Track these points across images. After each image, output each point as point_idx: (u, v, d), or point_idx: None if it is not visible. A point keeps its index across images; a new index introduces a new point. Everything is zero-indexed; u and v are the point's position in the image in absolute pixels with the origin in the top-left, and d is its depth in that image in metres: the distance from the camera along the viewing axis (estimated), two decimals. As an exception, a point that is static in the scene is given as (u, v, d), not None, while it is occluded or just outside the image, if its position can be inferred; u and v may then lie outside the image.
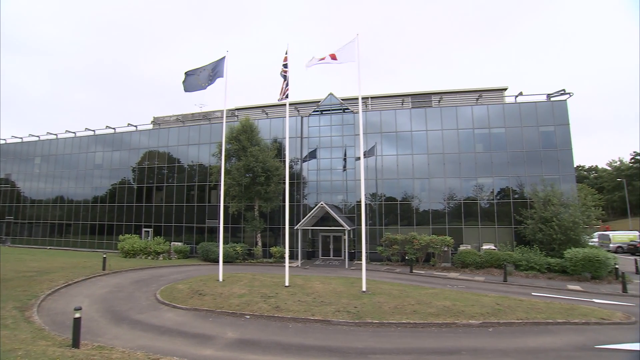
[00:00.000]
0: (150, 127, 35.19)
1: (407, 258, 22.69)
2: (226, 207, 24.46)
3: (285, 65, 15.74)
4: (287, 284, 14.85)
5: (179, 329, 9.94)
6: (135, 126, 34.09)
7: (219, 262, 16.96)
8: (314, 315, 10.91)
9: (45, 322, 9.95)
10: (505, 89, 28.49)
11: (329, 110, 28.83)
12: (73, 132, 36.77)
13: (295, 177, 27.85)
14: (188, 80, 16.52)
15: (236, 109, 33.25)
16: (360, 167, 15.97)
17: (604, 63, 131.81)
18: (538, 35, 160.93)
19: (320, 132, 28.51)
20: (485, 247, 23.18)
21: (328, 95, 28.96)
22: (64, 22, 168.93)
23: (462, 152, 25.61)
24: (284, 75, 15.74)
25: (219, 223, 17.85)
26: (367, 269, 14.57)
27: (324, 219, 25.76)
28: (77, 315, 7.71)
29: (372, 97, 30.35)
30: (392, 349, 8.51)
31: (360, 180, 15.29)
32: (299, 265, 23.61)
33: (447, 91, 29.05)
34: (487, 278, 19.17)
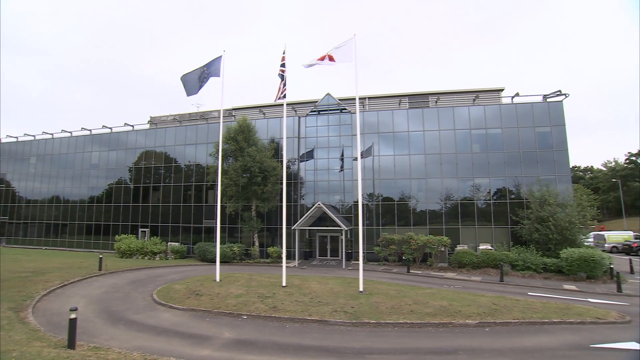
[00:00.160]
0: (147, 126, 35.06)
1: (404, 258, 22.74)
2: (223, 207, 24.39)
3: (283, 65, 15.74)
4: (284, 284, 14.85)
5: (176, 329, 9.90)
6: (132, 126, 33.94)
7: (216, 262, 16.95)
8: (311, 316, 10.91)
9: (41, 323, 9.88)
10: (502, 90, 28.61)
11: (326, 110, 28.84)
12: (69, 132, 36.58)
13: (293, 177, 27.83)
14: (188, 85, 16.34)
15: (233, 109, 33.20)
16: (357, 167, 15.96)
17: (602, 63, 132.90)
18: (537, 36, 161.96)
19: (317, 132, 28.51)
20: (482, 247, 23.28)
21: (325, 95, 28.97)
22: (62, 21, 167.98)
23: (459, 152, 25.71)
24: (281, 75, 15.74)
25: (216, 223, 17.82)
26: (364, 269, 14.59)
27: (322, 219, 25.79)
28: (72, 315, 7.67)
29: (369, 98, 30.39)
30: (389, 349, 8.53)
31: (358, 180, 15.29)
32: (296, 266, 23.60)
33: (444, 92, 29.12)
34: (484, 278, 19.25)
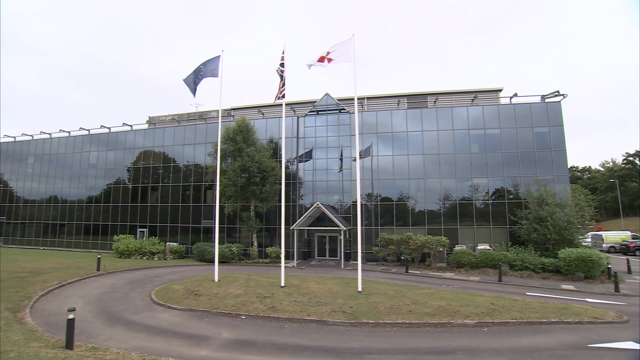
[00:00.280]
0: (145, 126, 34.99)
1: (402, 258, 22.76)
2: (222, 207, 24.35)
3: (282, 65, 15.72)
4: (283, 284, 14.84)
5: (174, 329, 9.89)
6: (130, 126, 33.85)
7: (214, 262, 16.93)
8: (310, 316, 10.91)
9: (38, 324, 9.85)
10: (501, 90, 28.65)
11: (325, 110, 28.85)
12: (67, 132, 36.43)
13: (291, 177, 27.81)
14: (191, 86, 16.44)
15: (232, 108, 33.16)
16: (356, 168, 15.97)
17: (601, 64, 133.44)
18: (536, 36, 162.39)
19: (316, 133, 28.51)
20: (480, 247, 23.32)
21: (324, 95, 28.97)
22: (62, 21, 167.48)
23: (457, 152, 25.74)
24: (280, 75, 15.73)
25: (215, 223, 17.79)
26: (362, 269, 14.61)
27: (320, 219, 25.80)
28: (70, 316, 7.65)
29: (368, 98, 30.41)
30: (388, 349, 8.54)
31: (356, 180, 15.30)
32: (295, 266, 23.60)
33: (443, 92, 29.16)
34: (482, 278, 19.29)
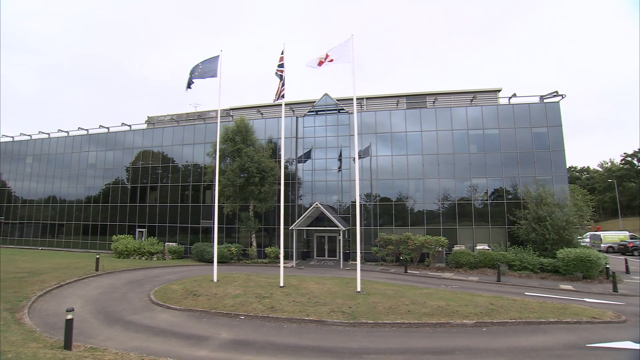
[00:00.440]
0: (144, 126, 34.94)
1: (401, 258, 22.77)
2: (221, 208, 24.34)
3: (281, 65, 15.70)
4: (281, 284, 14.84)
5: (173, 329, 9.87)
6: (129, 125, 33.79)
7: (213, 262, 16.91)
8: (309, 316, 10.91)
9: (37, 324, 9.81)
10: (500, 90, 28.70)
11: (324, 110, 28.84)
12: (66, 132, 36.34)
13: (290, 177, 27.80)
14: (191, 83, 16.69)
15: (231, 108, 33.13)
16: (355, 168, 15.97)
17: (600, 64, 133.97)
18: (535, 36, 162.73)
19: (315, 133, 28.50)
20: (479, 247, 23.36)
21: (323, 95, 28.97)
22: (59, 20, 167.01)
23: (456, 152, 25.77)
24: (280, 75, 15.70)
25: (214, 223, 17.77)
26: (361, 270, 14.61)
27: (319, 219, 25.80)
28: (69, 316, 7.63)
29: (367, 98, 30.43)
30: (387, 349, 8.54)
31: (355, 180, 15.31)
32: (294, 266, 23.59)
33: (442, 92, 29.20)
34: (481, 278, 19.31)
